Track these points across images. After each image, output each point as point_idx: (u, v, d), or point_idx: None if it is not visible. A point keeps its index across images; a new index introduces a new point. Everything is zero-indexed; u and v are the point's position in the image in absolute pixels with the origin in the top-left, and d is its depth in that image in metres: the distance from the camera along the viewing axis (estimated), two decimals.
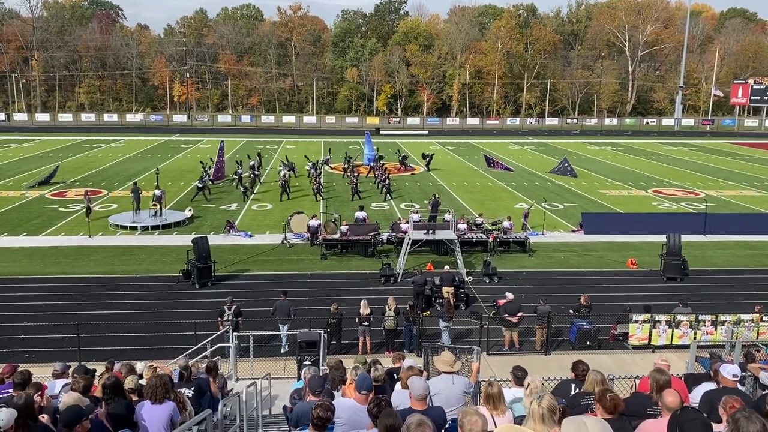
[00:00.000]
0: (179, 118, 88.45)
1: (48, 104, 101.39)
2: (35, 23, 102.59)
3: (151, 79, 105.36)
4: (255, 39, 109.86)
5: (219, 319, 16.44)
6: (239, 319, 16.46)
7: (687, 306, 17.40)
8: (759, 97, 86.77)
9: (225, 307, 16.49)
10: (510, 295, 17.39)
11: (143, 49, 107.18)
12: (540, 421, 3.89)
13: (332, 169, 42.73)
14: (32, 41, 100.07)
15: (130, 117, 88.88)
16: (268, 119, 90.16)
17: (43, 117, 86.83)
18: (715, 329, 16.62)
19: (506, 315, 16.86)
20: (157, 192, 29.92)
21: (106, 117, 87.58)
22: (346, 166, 42.48)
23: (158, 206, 29.40)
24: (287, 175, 37.01)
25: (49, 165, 43.31)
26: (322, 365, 12.94)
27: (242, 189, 35.39)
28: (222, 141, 42.95)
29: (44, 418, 5.52)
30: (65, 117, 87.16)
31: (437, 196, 31.40)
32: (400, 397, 6.32)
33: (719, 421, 5.10)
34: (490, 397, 5.79)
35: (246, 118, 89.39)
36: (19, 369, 8.12)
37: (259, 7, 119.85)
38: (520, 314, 16.83)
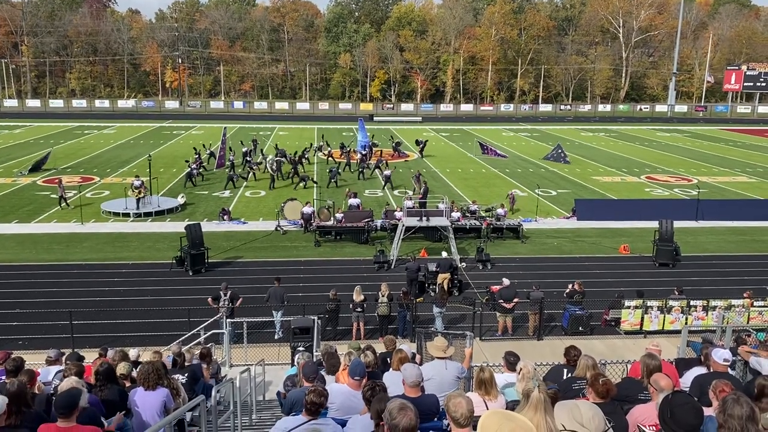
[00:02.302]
0: (171, 104, 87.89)
1: (39, 90, 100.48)
2: (24, 8, 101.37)
3: (142, 65, 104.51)
4: (247, 24, 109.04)
5: (209, 299, 16.45)
6: (238, 302, 16.52)
7: (682, 293, 17.50)
8: (752, 84, 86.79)
9: (221, 292, 16.53)
10: (506, 281, 17.42)
11: (135, 35, 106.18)
12: (538, 408, 3.73)
13: (325, 155, 42.56)
14: (22, 26, 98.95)
15: (121, 103, 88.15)
16: (260, 105, 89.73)
17: (33, 103, 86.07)
18: (706, 314, 16.76)
19: (501, 301, 16.93)
20: (136, 182, 29.57)
21: (97, 103, 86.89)
22: (330, 151, 42.36)
23: (140, 193, 29.04)
24: (281, 163, 36.82)
25: (40, 151, 43.01)
26: (316, 351, 12.97)
27: (230, 175, 34.93)
28: (225, 128, 42.71)
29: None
30: (56, 103, 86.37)
31: (426, 183, 31.32)
32: (390, 380, 6.35)
33: (710, 404, 5.15)
34: (482, 382, 5.81)
35: (239, 104, 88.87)
36: (12, 356, 8.10)
37: None
38: (515, 300, 16.90)
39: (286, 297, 16.98)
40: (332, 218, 25.60)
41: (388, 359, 8.21)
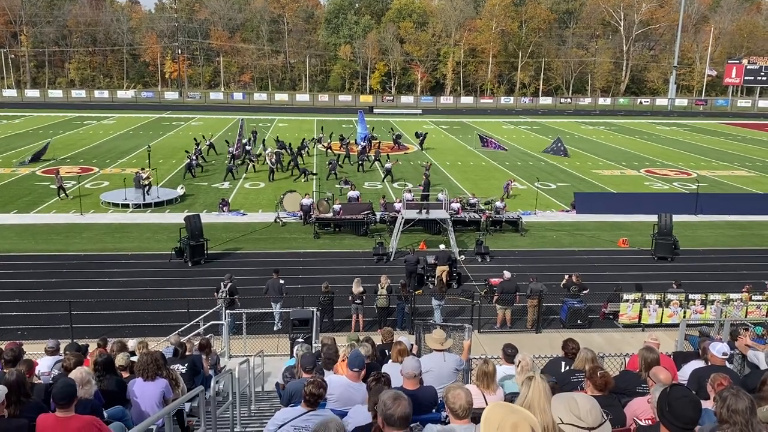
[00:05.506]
0: (171, 95, 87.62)
1: (38, 80, 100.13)
2: None
3: (142, 56, 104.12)
4: (247, 15, 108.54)
5: (215, 293, 16.56)
6: (236, 297, 16.53)
7: (681, 287, 17.53)
8: (753, 78, 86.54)
9: (222, 283, 16.58)
10: (508, 274, 17.44)
11: (134, 25, 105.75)
12: (540, 393, 3.58)
13: (324, 147, 42.45)
14: (21, 16, 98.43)
15: (121, 94, 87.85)
16: (260, 97, 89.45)
17: (32, 93, 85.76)
18: (705, 308, 16.79)
19: (501, 293, 16.95)
20: (143, 174, 29.49)
21: (96, 93, 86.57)
22: (330, 143, 42.11)
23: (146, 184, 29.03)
24: (280, 155, 36.71)
25: (39, 142, 42.91)
26: (315, 343, 13.00)
27: (229, 166, 34.87)
28: (242, 119, 42.42)
29: None
30: (55, 93, 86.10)
31: (428, 175, 31.31)
32: (389, 372, 6.37)
33: (707, 398, 5.17)
34: (485, 374, 5.80)
35: (238, 96, 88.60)
36: (9, 347, 8.10)
37: None
38: (517, 296, 16.94)
39: (284, 289, 17.01)
40: (331, 210, 25.60)
41: (387, 351, 8.22)
